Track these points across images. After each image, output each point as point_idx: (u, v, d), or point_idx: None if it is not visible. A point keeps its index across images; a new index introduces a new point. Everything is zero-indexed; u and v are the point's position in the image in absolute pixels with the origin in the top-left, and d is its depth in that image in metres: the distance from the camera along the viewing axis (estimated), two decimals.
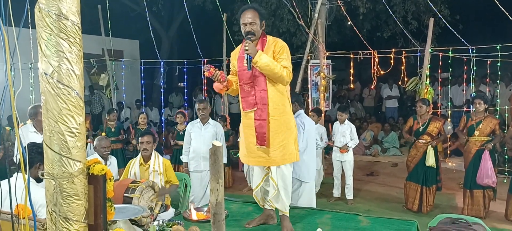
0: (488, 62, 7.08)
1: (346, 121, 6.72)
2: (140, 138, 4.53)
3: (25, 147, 2.09)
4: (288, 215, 3.42)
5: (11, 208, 1.88)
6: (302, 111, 4.75)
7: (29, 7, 1.92)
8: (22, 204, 2.05)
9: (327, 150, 8.64)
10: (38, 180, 3.06)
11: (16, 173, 2.94)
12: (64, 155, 1.78)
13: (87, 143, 3.16)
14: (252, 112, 3.28)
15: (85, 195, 1.87)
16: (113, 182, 2.13)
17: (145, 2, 9.10)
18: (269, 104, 3.24)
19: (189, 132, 5.55)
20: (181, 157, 5.73)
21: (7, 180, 2.54)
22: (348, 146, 6.58)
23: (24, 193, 1.95)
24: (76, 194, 1.83)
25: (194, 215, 3.80)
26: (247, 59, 3.11)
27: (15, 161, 4.19)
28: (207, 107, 5.54)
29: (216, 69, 3.20)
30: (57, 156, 1.78)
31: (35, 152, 2.87)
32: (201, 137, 5.42)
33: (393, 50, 7.45)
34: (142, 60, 9.86)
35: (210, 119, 5.55)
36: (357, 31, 8.45)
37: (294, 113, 5.05)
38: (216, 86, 3.30)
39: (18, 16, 1.83)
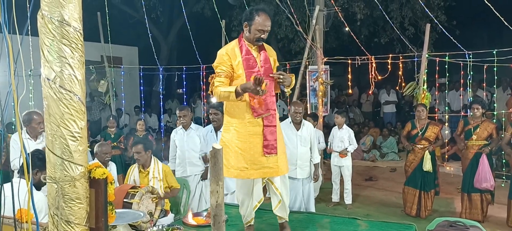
0: (485, 67, 7.14)
1: (344, 126, 6.75)
2: (133, 148, 4.58)
3: (29, 153, 2.11)
4: (288, 221, 3.44)
5: (14, 212, 1.90)
6: None
7: (29, 15, 1.95)
8: (24, 209, 2.08)
9: (326, 155, 8.67)
10: (37, 187, 3.06)
11: (16, 179, 2.97)
12: (66, 159, 1.81)
13: None
14: (261, 119, 3.12)
15: (87, 199, 1.89)
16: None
17: (144, 9, 9.16)
18: (275, 109, 3.18)
19: (173, 139, 5.60)
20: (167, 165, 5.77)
21: (8, 185, 2.56)
22: (347, 150, 6.60)
23: (23, 198, 1.98)
24: (77, 197, 1.85)
25: (193, 220, 3.82)
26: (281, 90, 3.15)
27: (11, 167, 4.18)
28: (188, 114, 5.59)
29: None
30: (59, 159, 1.81)
31: (36, 158, 2.89)
32: (185, 143, 5.46)
33: (390, 55, 7.50)
34: (141, 67, 9.90)
35: (192, 123, 5.60)
36: (355, 37, 8.51)
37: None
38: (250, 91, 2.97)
39: (19, 23, 1.87)
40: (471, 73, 7.15)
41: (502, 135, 6.08)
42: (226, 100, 3.11)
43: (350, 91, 9.77)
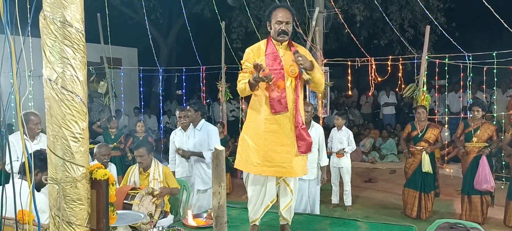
0: (485, 69, 7.15)
1: (344, 127, 6.74)
2: (135, 151, 4.56)
3: (31, 154, 2.10)
4: (290, 224, 3.44)
5: (15, 213, 1.90)
6: (203, 120, 5.08)
7: (29, 16, 1.95)
8: (25, 210, 2.07)
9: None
10: (36, 188, 3.05)
11: (17, 180, 2.95)
12: (68, 160, 1.80)
13: None
14: (282, 116, 3.09)
15: (88, 200, 1.89)
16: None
17: (144, 11, 9.16)
18: (299, 109, 3.15)
19: (172, 141, 5.59)
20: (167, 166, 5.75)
21: (9, 186, 2.55)
22: (344, 150, 6.59)
23: (23, 200, 1.97)
24: (79, 198, 1.85)
25: (194, 222, 3.82)
26: (301, 72, 3.04)
27: (6, 169, 4.15)
28: (188, 115, 5.59)
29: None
30: (60, 160, 1.81)
31: (37, 158, 2.88)
32: (184, 144, 5.46)
33: (390, 57, 7.51)
34: (141, 68, 9.89)
35: (191, 124, 5.61)
36: (355, 39, 8.52)
37: (196, 124, 5.11)
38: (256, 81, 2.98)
39: (21, 24, 1.86)
40: (471, 75, 7.16)
41: (502, 137, 6.09)
42: (245, 93, 3.17)
43: (349, 93, 9.78)
